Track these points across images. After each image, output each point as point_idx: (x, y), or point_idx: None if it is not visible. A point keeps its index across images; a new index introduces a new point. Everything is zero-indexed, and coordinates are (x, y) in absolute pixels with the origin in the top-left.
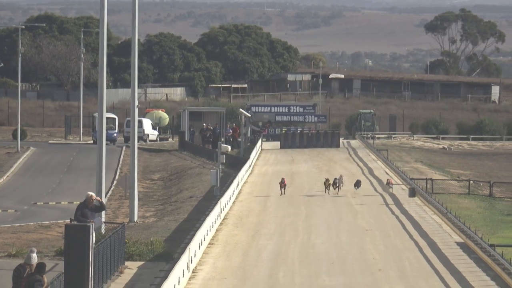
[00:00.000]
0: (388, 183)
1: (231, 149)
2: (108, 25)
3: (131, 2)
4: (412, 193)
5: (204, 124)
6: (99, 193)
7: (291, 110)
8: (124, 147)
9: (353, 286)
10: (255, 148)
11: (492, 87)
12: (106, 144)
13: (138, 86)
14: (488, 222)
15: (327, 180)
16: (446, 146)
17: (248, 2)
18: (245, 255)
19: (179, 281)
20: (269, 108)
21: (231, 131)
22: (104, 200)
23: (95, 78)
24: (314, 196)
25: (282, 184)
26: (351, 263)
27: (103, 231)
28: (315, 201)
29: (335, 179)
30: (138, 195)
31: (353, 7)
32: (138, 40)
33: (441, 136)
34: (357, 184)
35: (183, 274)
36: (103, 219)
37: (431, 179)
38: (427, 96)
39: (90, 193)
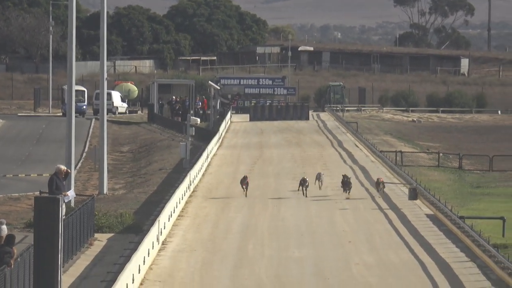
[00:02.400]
0: (379, 182)
1: (200, 122)
2: None
3: None
4: (413, 195)
5: (173, 97)
6: (68, 166)
7: (261, 83)
8: (93, 120)
9: (323, 258)
10: (224, 121)
11: (462, 60)
12: (75, 116)
13: (107, 59)
14: (458, 194)
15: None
16: (415, 119)
17: None
18: (215, 228)
19: (148, 253)
20: (238, 81)
21: (200, 103)
22: (73, 172)
23: (64, 50)
24: (284, 168)
25: (244, 183)
26: (320, 235)
27: (72, 204)
28: (285, 174)
29: (303, 179)
30: (107, 168)
31: None
32: (107, 12)
33: (411, 108)
34: (346, 184)
35: (153, 246)
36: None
37: (401, 152)
38: (396, 68)
39: (61, 166)
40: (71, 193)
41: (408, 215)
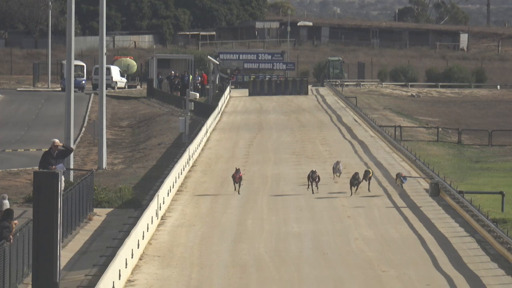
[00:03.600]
0: (399, 176)
1: (200, 97)
2: None
3: None
4: (435, 190)
5: (173, 72)
6: (67, 140)
7: (260, 58)
8: (92, 94)
9: (322, 233)
10: (223, 96)
11: (461, 35)
12: (75, 91)
13: (106, 34)
14: (457, 169)
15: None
16: (414, 94)
17: None
18: (214, 202)
19: (148, 228)
20: (237, 56)
21: (199, 78)
22: (73, 147)
23: (63, 25)
24: (283, 143)
25: (237, 178)
26: (319, 210)
27: (71, 179)
28: (284, 149)
29: (312, 172)
30: (106, 142)
31: None
32: None
33: (410, 83)
34: (365, 176)
35: (152, 221)
36: (71, 166)
37: (400, 126)
38: (396, 44)
39: (55, 140)
40: (59, 167)
41: (407, 189)
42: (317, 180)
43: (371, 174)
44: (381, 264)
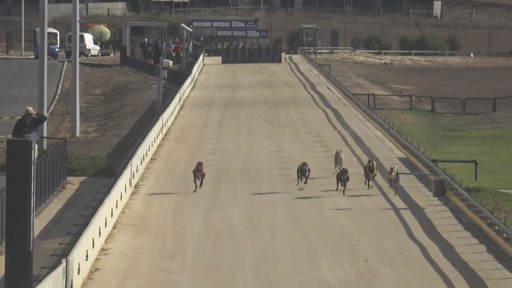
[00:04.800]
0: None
1: (173, 64)
2: None
3: None
4: (440, 190)
5: (146, 39)
6: (41, 108)
7: (233, 25)
8: (65, 62)
9: (295, 199)
10: (197, 63)
11: (434, 2)
12: (48, 59)
13: (79, 1)
14: (430, 137)
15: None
16: (388, 62)
17: None
18: (188, 170)
19: (121, 197)
20: (210, 23)
21: (173, 46)
22: (46, 115)
23: None
24: (257, 110)
25: (198, 175)
26: (294, 178)
27: (44, 147)
28: (258, 117)
29: (302, 166)
30: (79, 110)
31: None
32: None
33: (383, 51)
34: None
35: (125, 190)
36: (45, 134)
37: (373, 95)
38: (369, 11)
39: (28, 108)
40: (33, 135)
41: (381, 158)
42: (307, 174)
43: (375, 172)
44: (355, 233)
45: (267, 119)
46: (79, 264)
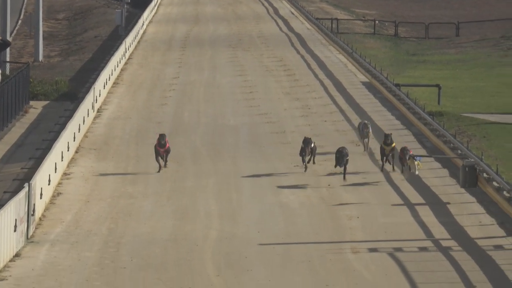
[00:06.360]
0: (406, 153)
1: None
2: None
3: None
4: (472, 179)
5: None
6: (4, 33)
7: None
8: None
9: (257, 125)
10: None
11: None
12: None
13: None
14: (394, 62)
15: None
16: None
17: None
18: (150, 95)
19: (84, 121)
20: None
21: None
22: (10, 40)
23: None
24: (220, 35)
25: (161, 151)
26: (258, 103)
27: (7, 71)
28: (221, 42)
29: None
30: (42, 35)
31: None
32: None
33: None
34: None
35: (88, 114)
36: (7, 59)
37: (336, 19)
38: None
39: None
40: None
41: (344, 82)
42: (314, 152)
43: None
44: (318, 157)
45: (230, 44)
46: (41, 188)
